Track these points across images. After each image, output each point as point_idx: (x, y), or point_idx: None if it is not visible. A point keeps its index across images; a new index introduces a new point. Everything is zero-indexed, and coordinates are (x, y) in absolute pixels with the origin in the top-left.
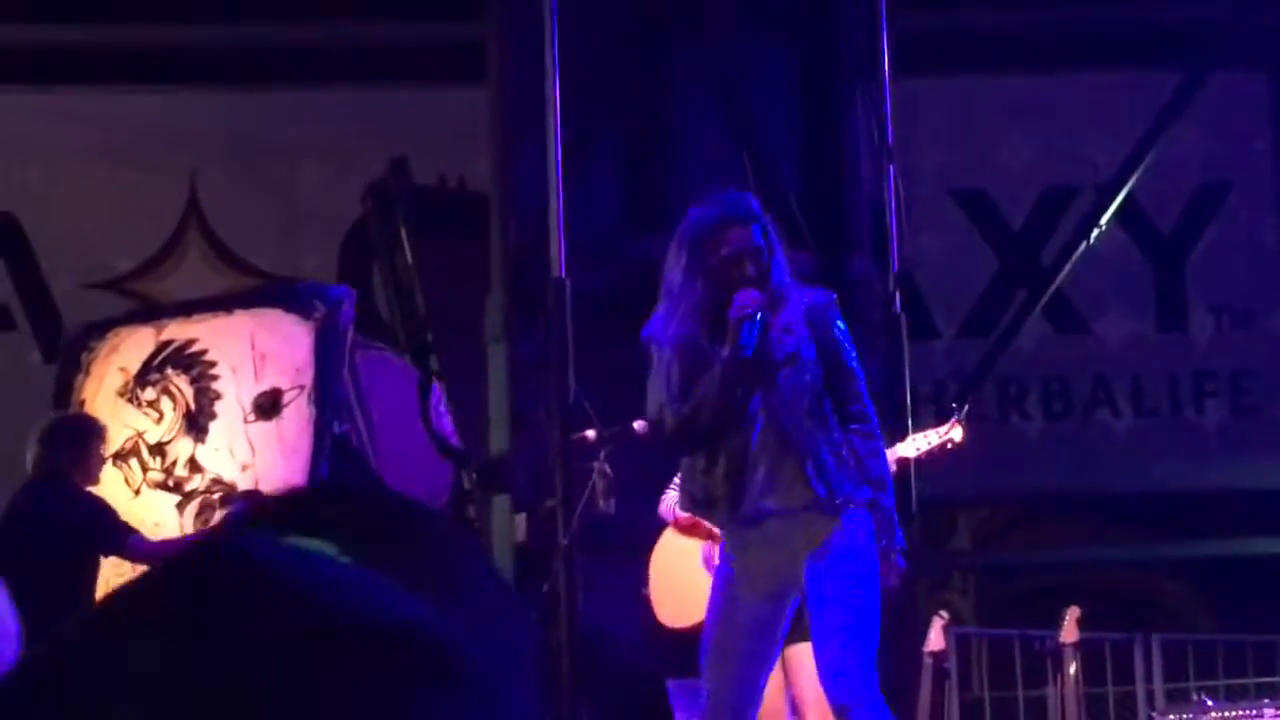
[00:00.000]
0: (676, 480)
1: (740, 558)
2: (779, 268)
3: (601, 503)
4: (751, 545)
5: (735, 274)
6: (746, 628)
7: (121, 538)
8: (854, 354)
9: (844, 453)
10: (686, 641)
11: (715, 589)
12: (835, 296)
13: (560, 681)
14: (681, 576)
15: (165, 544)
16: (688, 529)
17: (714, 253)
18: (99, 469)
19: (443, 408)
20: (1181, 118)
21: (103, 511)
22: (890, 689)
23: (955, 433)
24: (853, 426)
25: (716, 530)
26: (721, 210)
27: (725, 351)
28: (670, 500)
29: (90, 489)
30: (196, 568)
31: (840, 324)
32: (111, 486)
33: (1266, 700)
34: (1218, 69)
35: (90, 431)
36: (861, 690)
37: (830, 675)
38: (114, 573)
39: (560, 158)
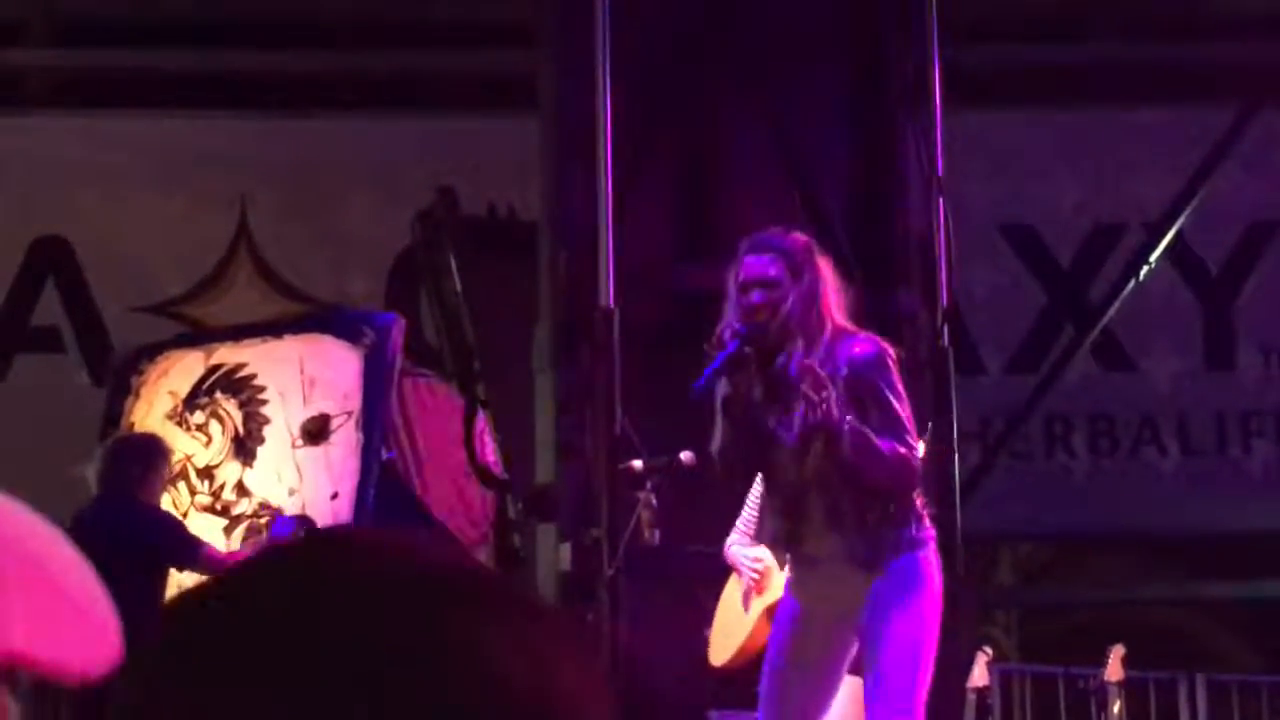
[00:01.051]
0: (738, 522)
1: (802, 596)
2: (801, 306)
3: (646, 533)
4: (811, 585)
5: (743, 302)
6: (804, 666)
7: (195, 549)
8: (895, 402)
9: (884, 505)
10: (731, 675)
11: (778, 624)
12: (883, 348)
13: None
14: (724, 615)
15: (236, 554)
16: (734, 570)
17: (734, 280)
18: (162, 489)
19: (487, 436)
20: (1231, 156)
21: (175, 525)
22: None
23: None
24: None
25: (748, 572)
26: (754, 239)
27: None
28: (729, 542)
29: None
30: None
31: (884, 377)
32: None
33: None
34: (1268, 107)
35: (159, 451)
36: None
37: (880, 714)
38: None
39: (610, 188)
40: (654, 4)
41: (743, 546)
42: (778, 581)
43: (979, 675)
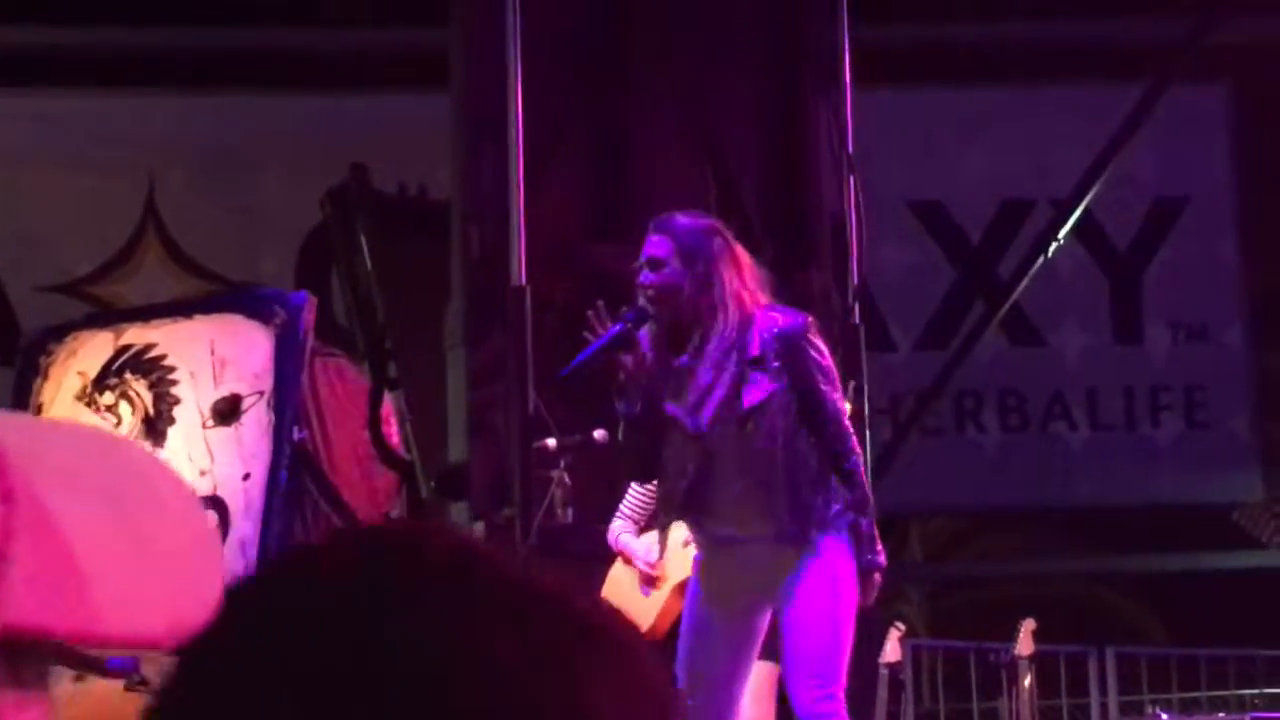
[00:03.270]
0: (622, 507)
1: (710, 575)
2: (694, 291)
3: (560, 512)
4: (720, 565)
5: (637, 281)
6: (718, 644)
7: None
8: (823, 378)
9: (815, 480)
10: None
11: (688, 605)
12: (808, 320)
13: None
14: (614, 598)
15: None
16: (626, 560)
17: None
18: None
19: (392, 417)
20: (1139, 133)
21: None
22: (846, 700)
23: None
24: (832, 450)
25: (642, 565)
26: (656, 220)
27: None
28: (615, 529)
29: None
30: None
31: (812, 350)
32: None
33: (1221, 714)
34: (1176, 84)
35: None
36: (827, 708)
37: (799, 692)
38: None
39: (521, 165)
40: None
41: (630, 535)
42: (675, 564)
43: (891, 651)
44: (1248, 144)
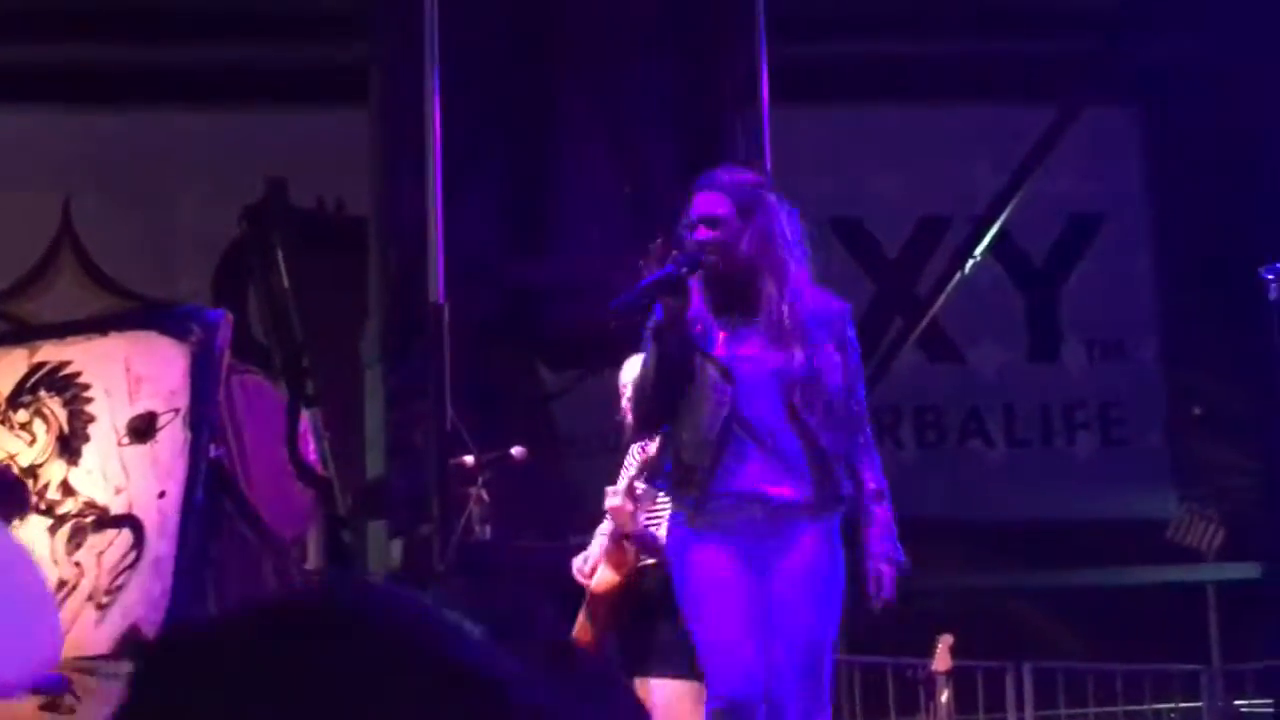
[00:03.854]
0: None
1: (707, 544)
2: (756, 244)
3: (478, 528)
4: (722, 529)
5: (690, 239)
6: (735, 610)
7: None
8: (857, 365)
9: (831, 459)
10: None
11: (688, 586)
12: (849, 306)
13: None
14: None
15: None
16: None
17: (682, 221)
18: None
19: (309, 434)
20: (1055, 151)
21: None
22: None
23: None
24: (856, 438)
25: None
26: (702, 177)
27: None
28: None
29: None
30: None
31: (851, 334)
32: None
33: None
34: (1091, 104)
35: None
36: (814, 709)
37: (785, 686)
38: None
39: (440, 182)
40: None
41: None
42: (597, 575)
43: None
44: (1160, 163)
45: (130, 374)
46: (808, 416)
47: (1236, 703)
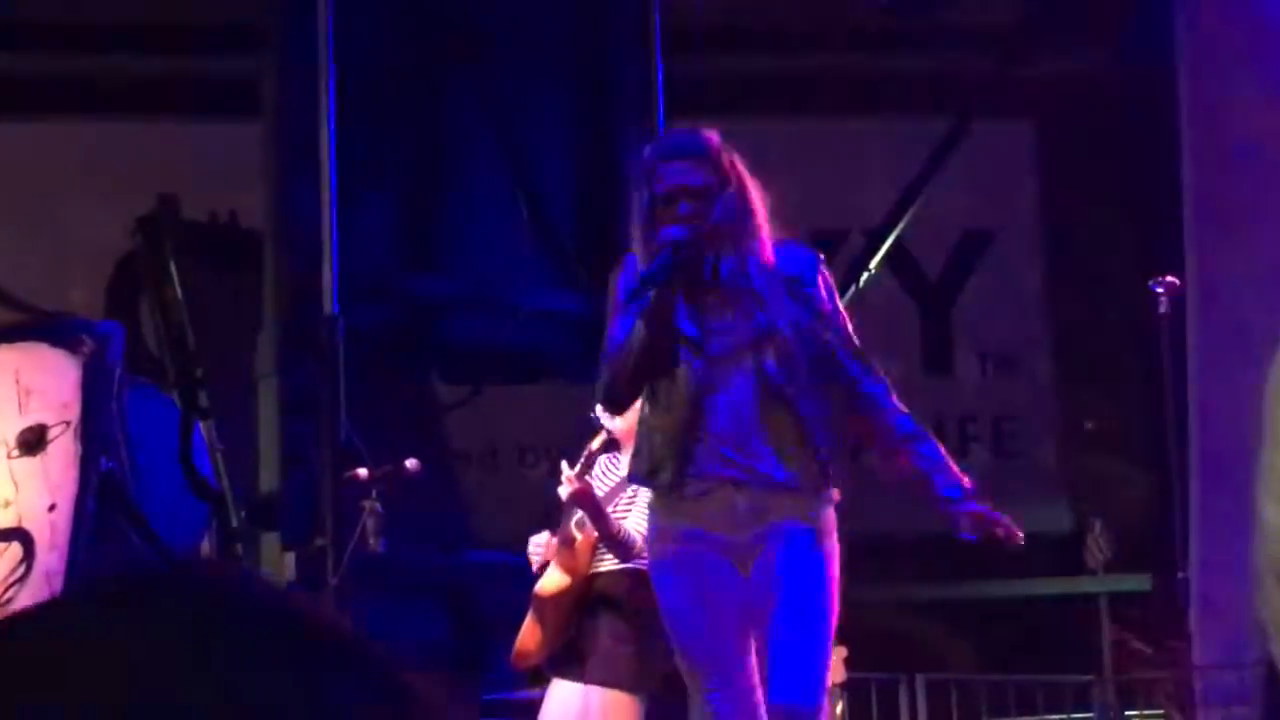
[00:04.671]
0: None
1: (683, 550)
2: (731, 213)
3: (372, 541)
4: (696, 520)
5: (667, 215)
6: (719, 616)
7: None
8: (836, 308)
9: (811, 427)
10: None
11: (668, 588)
12: (818, 254)
13: None
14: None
15: None
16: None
17: (649, 190)
18: None
19: (203, 447)
20: (948, 166)
21: None
22: None
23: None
24: (865, 388)
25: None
26: (664, 144)
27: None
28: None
29: None
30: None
31: (825, 280)
32: None
33: None
34: (984, 118)
35: None
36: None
37: (780, 684)
38: None
39: (334, 193)
40: (380, 10)
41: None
42: (545, 577)
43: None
44: (1053, 178)
45: (20, 386)
46: (785, 384)
47: (1128, 713)
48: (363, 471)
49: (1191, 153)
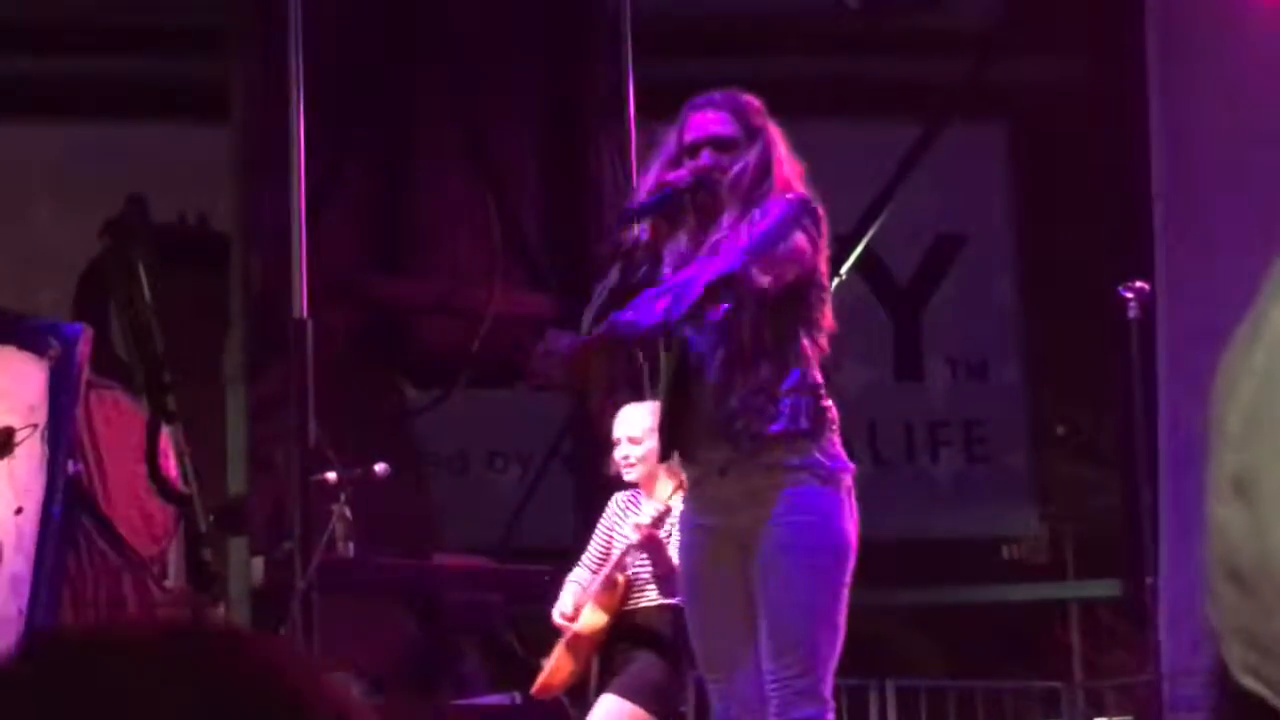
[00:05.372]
0: (584, 557)
1: (695, 526)
2: (753, 175)
3: (340, 545)
4: (704, 502)
5: (691, 164)
6: (713, 606)
7: None
8: (778, 215)
9: (785, 396)
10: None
11: (682, 572)
12: (805, 197)
13: None
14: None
15: None
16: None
17: (677, 142)
18: None
19: (170, 450)
20: (919, 171)
21: None
22: None
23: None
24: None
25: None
26: (699, 98)
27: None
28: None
29: None
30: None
31: (779, 206)
32: None
33: None
34: (955, 123)
35: None
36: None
37: (773, 674)
38: None
39: (304, 197)
40: (349, 13)
41: (580, 584)
42: (585, 616)
43: None
44: (1024, 183)
45: None
46: (754, 348)
47: (1097, 719)
48: (331, 475)
49: (1160, 158)
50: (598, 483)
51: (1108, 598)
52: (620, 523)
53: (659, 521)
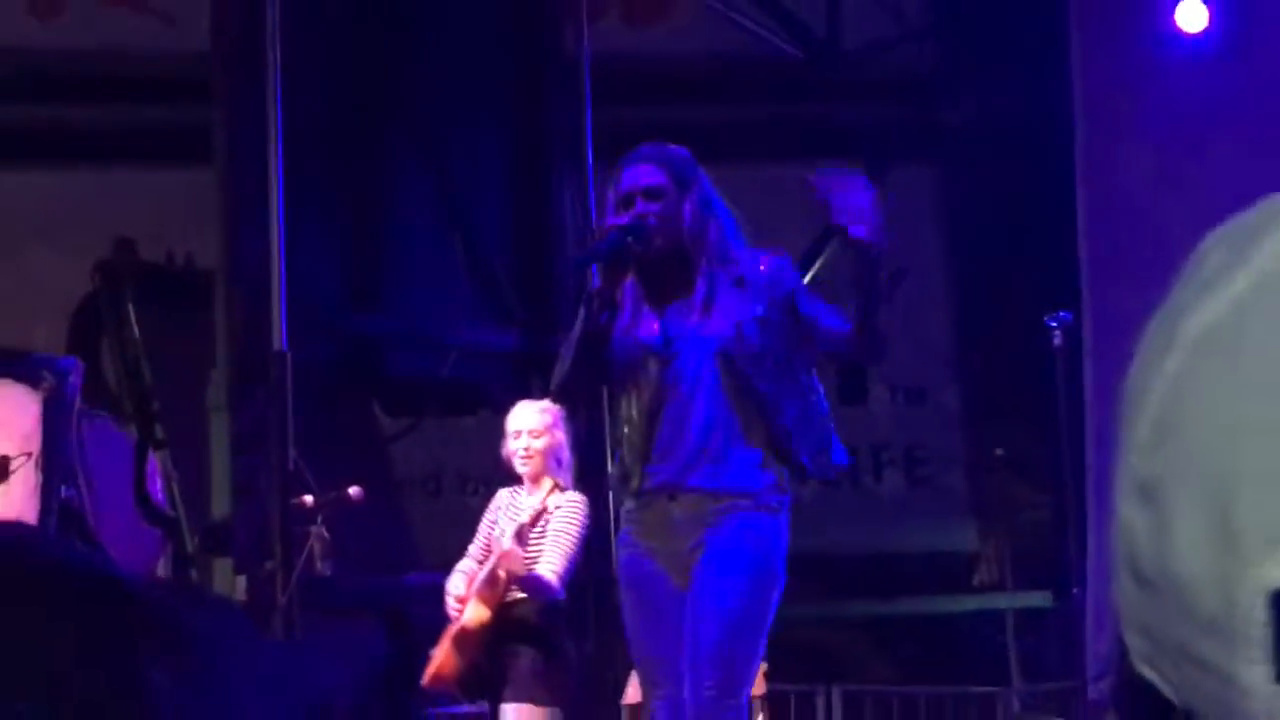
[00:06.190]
0: (471, 548)
1: (637, 547)
2: (695, 218)
3: (319, 564)
4: (655, 530)
5: (623, 212)
6: (659, 625)
7: None
8: (806, 291)
9: (784, 434)
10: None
11: (630, 590)
12: (785, 259)
13: None
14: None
15: None
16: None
17: (614, 195)
18: None
19: (157, 475)
20: None
21: None
22: None
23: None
24: (836, 329)
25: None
26: (630, 153)
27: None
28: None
29: None
30: None
31: (792, 282)
32: None
33: None
34: (894, 164)
35: None
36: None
37: (695, 686)
38: None
39: (282, 237)
40: (325, 61)
41: (466, 574)
42: (469, 611)
43: (632, 693)
44: (956, 221)
45: None
46: (761, 387)
47: None
48: (309, 498)
49: (1085, 197)
50: None
51: (1040, 607)
52: (503, 517)
53: (522, 535)
